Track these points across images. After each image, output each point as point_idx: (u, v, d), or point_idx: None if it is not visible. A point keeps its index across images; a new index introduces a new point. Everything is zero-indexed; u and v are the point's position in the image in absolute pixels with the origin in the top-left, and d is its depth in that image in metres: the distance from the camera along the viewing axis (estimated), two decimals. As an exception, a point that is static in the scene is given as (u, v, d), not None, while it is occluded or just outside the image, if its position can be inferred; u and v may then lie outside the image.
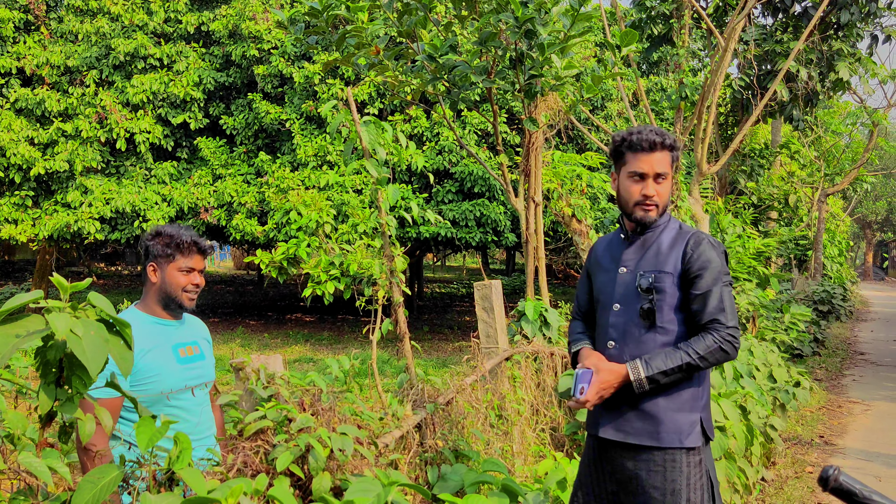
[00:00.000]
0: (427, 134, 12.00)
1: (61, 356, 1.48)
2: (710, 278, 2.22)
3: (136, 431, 1.53)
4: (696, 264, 2.23)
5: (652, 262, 2.29)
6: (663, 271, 2.25)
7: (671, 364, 2.16)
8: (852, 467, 5.55)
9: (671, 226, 2.35)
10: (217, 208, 12.28)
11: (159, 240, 2.35)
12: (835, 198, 21.34)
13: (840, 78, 9.91)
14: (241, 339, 12.77)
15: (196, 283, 2.37)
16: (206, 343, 2.49)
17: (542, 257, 5.31)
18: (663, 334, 2.24)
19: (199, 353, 2.40)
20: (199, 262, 2.38)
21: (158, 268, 2.34)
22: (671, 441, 2.21)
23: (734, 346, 2.18)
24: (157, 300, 2.34)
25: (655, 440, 2.22)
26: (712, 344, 2.17)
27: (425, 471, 2.90)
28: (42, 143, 12.36)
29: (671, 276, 2.25)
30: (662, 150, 2.30)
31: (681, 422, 2.22)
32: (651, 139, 2.29)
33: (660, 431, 2.22)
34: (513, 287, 21.95)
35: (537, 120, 4.67)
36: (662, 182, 2.31)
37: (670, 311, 2.24)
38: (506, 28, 3.94)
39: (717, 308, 2.20)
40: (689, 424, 2.23)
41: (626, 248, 2.37)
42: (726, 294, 2.22)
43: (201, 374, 2.36)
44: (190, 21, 12.77)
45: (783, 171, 14.49)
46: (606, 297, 2.35)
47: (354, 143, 3.14)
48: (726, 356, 2.19)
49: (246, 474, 1.88)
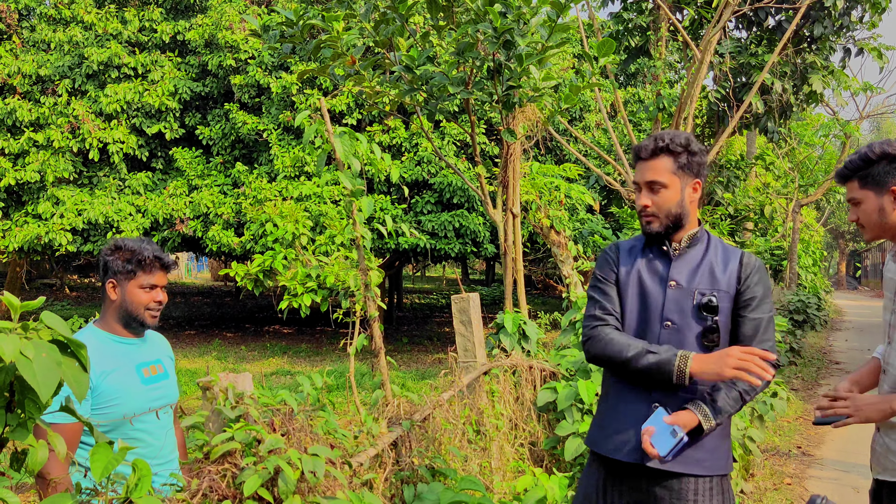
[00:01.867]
0: (406, 144, 11.96)
1: (11, 380, 1.40)
2: (767, 306, 2.11)
3: (91, 458, 1.44)
4: (753, 288, 2.11)
5: (707, 280, 2.13)
6: (721, 290, 2.12)
7: (736, 406, 2.07)
8: (830, 478, 5.56)
9: (710, 241, 2.21)
10: (193, 219, 12.12)
11: (119, 255, 2.23)
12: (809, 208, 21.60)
13: (814, 90, 10.02)
14: (218, 351, 12.58)
15: (159, 301, 2.26)
16: (169, 360, 2.39)
17: (521, 269, 5.27)
18: None
19: (164, 372, 2.30)
20: (162, 278, 2.27)
21: (118, 284, 2.23)
22: (717, 469, 2.10)
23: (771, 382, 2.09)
24: (118, 318, 2.23)
25: (698, 468, 2.07)
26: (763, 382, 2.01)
27: (401, 490, 2.83)
28: (13, 153, 12.13)
29: (728, 296, 2.12)
30: (658, 157, 2.13)
31: (723, 449, 2.13)
32: (644, 145, 2.15)
33: (704, 459, 2.09)
34: (492, 297, 21.93)
35: (515, 131, 4.64)
36: (660, 190, 2.12)
37: (724, 334, 2.12)
38: (484, 38, 3.91)
39: (767, 337, 2.10)
40: (727, 451, 2.15)
41: (672, 261, 2.18)
42: (773, 323, 2.11)
43: (165, 394, 2.26)
44: (165, 30, 12.64)
45: (758, 182, 14.64)
46: (652, 312, 2.14)
47: (329, 153, 3.08)
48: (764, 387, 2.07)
49: (212, 500, 1.80)
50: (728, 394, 2.06)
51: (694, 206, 2.19)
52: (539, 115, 5.08)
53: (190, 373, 10.21)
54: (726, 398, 2.05)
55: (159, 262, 2.25)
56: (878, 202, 2.13)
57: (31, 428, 1.44)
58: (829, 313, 18.48)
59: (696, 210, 2.20)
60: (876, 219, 2.15)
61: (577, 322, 5.11)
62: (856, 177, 2.17)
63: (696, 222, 2.21)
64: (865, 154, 2.14)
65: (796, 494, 5.14)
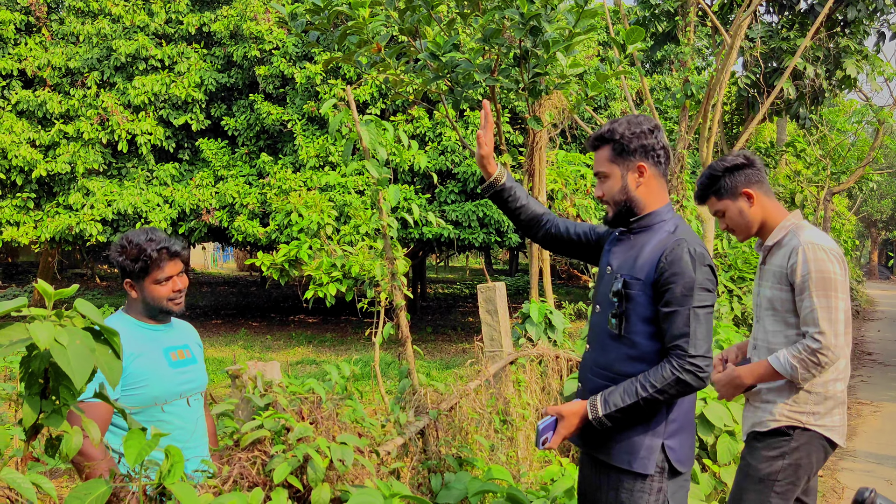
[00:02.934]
0: (429, 134, 11.93)
1: (46, 366, 1.42)
2: (679, 295, 1.96)
3: (125, 445, 1.46)
4: (666, 276, 1.98)
5: (629, 266, 2.08)
6: (636, 277, 2.04)
7: (628, 400, 1.96)
8: (863, 470, 5.47)
9: (664, 227, 2.10)
10: (219, 210, 12.23)
11: (126, 254, 2.19)
12: (840, 196, 21.21)
13: (847, 75, 9.81)
14: (244, 340, 12.71)
15: (178, 289, 2.23)
16: (197, 347, 2.40)
17: (547, 258, 5.23)
18: (630, 347, 2.05)
19: (192, 357, 2.31)
20: (175, 266, 2.23)
21: (135, 283, 2.21)
22: (620, 461, 2.04)
23: (697, 377, 1.93)
24: (143, 312, 2.24)
25: (608, 456, 2.07)
26: (669, 375, 1.94)
27: (428, 479, 2.83)
28: (43, 145, 12.33)
29: (641, 284, 2.02)
30: (599, 147, 2.16)
31: (635, 443, 2.02)
32: (589, 137, 2.20)
33: (611, 448, 2.06)
34: (516, 287, 21.87)
35: (542, 119, 4.60)
36: (605, 180, 2.15)
37: (639, 322, 2.03)
38: (510, 25, 3.87)
39: (681, 332, 1.95)
40: (646, 449, 2.02)
41: (616, 245, 2.19)
42: (697, 316, 1.95)
43: (194, 378, 2.27)
44: (191, 22, 12.72)
45: (788, 170, 14.39)
46: (594, 296, 2.25)
47: (355, 142, 3.07)
48: (687, 388, 1.95)
49: (242, 486, 1.81)
50: (624, 388, 1.98)
51: (646, 190, 2.12)
52: (565, 102, 5.02)
53: (217, 361, 10.33)
54: (623, 393, 1.98)
55: (167, 252, 2.20)
56: (737, 206, 2.49)
57: (65, 414, 1.45)
58: (861, 303, 18.16)
59: (653, 193, 2.13)
60: (740, 220, 2.50)
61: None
62: (710, 193, 2.53)
63: (654, 205, 2.12)
64: (710, 173, 2.51)
65: (828, 487, 5.06)
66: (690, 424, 2.10)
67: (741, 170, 2.47)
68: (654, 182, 2.13)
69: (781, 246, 2.42)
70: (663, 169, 2.13)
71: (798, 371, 2.30)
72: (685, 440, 2.07)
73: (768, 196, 2.49)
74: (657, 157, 2.11)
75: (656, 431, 2.02)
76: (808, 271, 2.30)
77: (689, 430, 2.08)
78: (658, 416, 2.02)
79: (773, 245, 2.45)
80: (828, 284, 2.28)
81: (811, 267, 2.30)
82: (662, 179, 2.14)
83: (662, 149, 2.11)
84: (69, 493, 1.42)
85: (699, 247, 2.01)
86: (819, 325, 2.27)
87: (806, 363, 2.29)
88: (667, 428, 2.03)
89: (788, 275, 2.36)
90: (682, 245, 1.99)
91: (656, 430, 2.02)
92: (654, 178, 2.12)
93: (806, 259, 2.31)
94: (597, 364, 2.11)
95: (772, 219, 2.47)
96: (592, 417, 2.00)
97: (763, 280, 2.49)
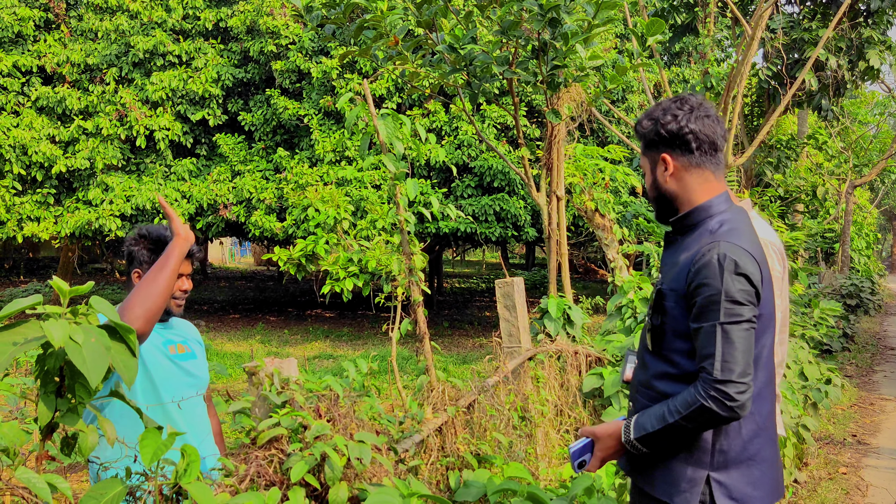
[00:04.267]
0: (446, 128, 11.89)
1: (61, 365, 1.40)
2: (705, 309, 1.71)
3: (140, 444, 1.44)
4: (693, 286, 1.74)
5: (668, 274, 1.85)
6: (672, 288, 1.81)
7: (656, 425, 1.76)
8: (886, 467, 5.38)
9: (708, 225, 1.83)
10: (236, 205, 12.28)
11: (144, 244, 2.21)
12: (862, 189, 20.90)
13: (870, 66, 9.63)
14: (261, 335, 12.77)
15: (185, 289, 2.24)
16: (198, 344, 2.39)
17: (565, 252, 5.18)
18: (667, 364, 1.83)
19: (191, 352, 2.30)
20: (188, 266, 2.24)
21: (144, 274, 2.19)
22: (662, 493, 1.82)
23: (726, 405, 1.65)
24: None
25: (651, 487, 1.85)
26: (693, 401, 1.69)
27: (447, 476, 2.80)
28: (63, 141, 12.44)
29: (675, 295, 1.79)
30: (639, 140, 1.98)
31: (676, 474, 1.80)
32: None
33: (654, 478, 1.84)
34: (533, 282, 21.80)
35: (560, 112, 4.54)
36: (644, 176, 1.97)
37: (675, 339, 1.80)
38: (529, 17, 3.82)
39: (707, 352, 1.70)
40: (688, 481, 1.78)
41: (665, 250, 1.97)
42: (726, 334, 1.68)
43: (194, 373, 2.26)
44: (208, 17, 12.75)
45: (810, 163, 14.19)
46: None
47: (371, 136, 3.04)
48: (715, 417, 1.67)
49: (259, 485, 1.79)
50: (654, 412, 1.78)
51: (678, 183, 1.89)
52: (584, 95, 4.96)
53: (235, 356, 10.38)
54: (651, 416, 1.78)
55: None
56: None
57: (81, 412, 1.44)
58: (883, 297, 17.90)
59: (689, 186, 1.88)
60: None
61: (622, 307, 5.01)
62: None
63: (696, 200, 1.87)
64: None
65: (852, 484, 4.98)
66: (758, 457, 1.80)
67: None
68: (686, 173, 1.87)
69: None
70: (697, 157, 1.85)
71: None
72: (745, 476, 1.78)
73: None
74: (684, 144, 1.85)
75: (700, 462, 1.78)
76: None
77: (754, 465, 1.79)
78: (701, 444, 1.78)
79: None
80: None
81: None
82: (699, 168, 1.86)
83: (691, 133, 1.83)
84: (85, 494, 1.40)
85: (737, 249, 1.73)
86: None
87: None
88: (714, 459, 1.78)
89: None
90: (713, 249, 1.73)
91: (700, 459, 1.78)
92: (683, 168, 1.87)
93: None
94: (641, 382, 1.93)
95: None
96: (625, 440, 1.82)
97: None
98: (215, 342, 11.65)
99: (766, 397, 1.83)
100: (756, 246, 1.78)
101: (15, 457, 1.34)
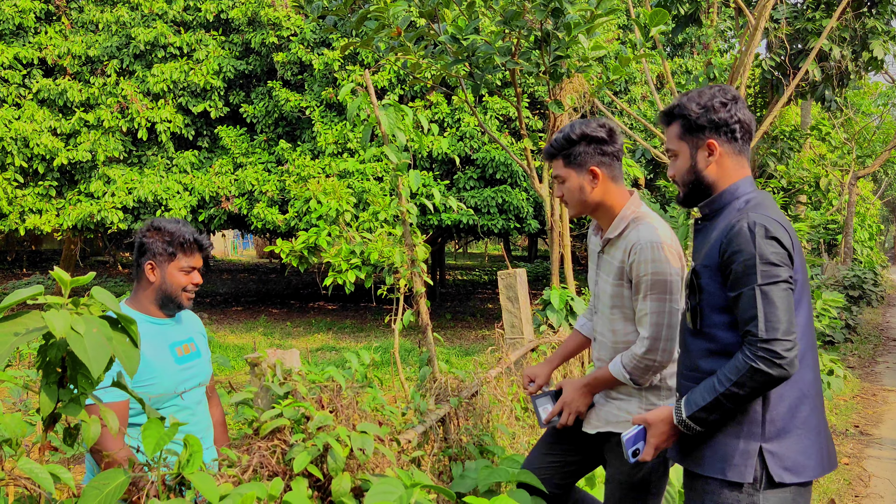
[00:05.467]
0: (448, 120, 11.86)
1: (63, 355, 1.40)
2: (742, 274, 1.77)
3: (143, 435, 1.44)
4: (727, 256, 1.81)
5: (703, 254, 1.91)
6: (704, 265, 1.88)
7: (708, 398, 1.79)
8: (889, 458, 5.38)
9: (736, 205, 1.92)
10: (238, 197, 12.27)
11: (159, 236, 2.22)
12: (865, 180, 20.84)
13: (874, 57, 9.57)
14: (264, 327, 12.78)
15: (196, 283, 2.26)
16: (202, 337, 2.40)
17: (568, 244, 5.18)
18: (709, 341, 1.88)
19: (196, 351, 2.31)
20: (200, 260, 2.27)
21: (157, 266, 2.21)
22: (713, 469, 1.84)
23: (776, 364, 1.70)
24: (154, 300, 2.23)
25: (700, 466, 1.88)
26: (743, 365, 1.73)
27: (449, 467, 2.80)
28: (65, 133, 12.42)
29: (709, 271, 1.86)
30: (669, 123, 2.02)
31: (728, 448, 1.82)
32: (660, 114, 2.04)
33: (704, 456, 1.87)
34: (535, 274, 21.79)
35: (562, 103, 4.53)
36: (675, 159, 2.02)
37: (714, 314, 1.86)
38: (531, 7, 3.80)
39: (749, 315, 1.74)
40: (741, 454, 1.81)
41: (696, 236, 2.04)
42: (765, 295, 1.73)
43: (197, 373, 2.28)
44: (209, 9, 12.71)
45: (813, 154, 14.14)
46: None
47: (373, 127, 3.03)
48: (766, 378, 1.72)
49: (262, 475, 1.80)
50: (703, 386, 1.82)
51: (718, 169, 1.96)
52: (586, 86, 4.94)
53: (237, 348, 10.40)
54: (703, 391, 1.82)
55: (198, 244, 2.25)
56: (580, 181, 2.27)
57: (83, 403, 1.44)
58: (885, 289, 17.87)
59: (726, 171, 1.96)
60: (578, 196, 2.29)
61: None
62: (560, 155, 2.29)
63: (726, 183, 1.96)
64: (568, 134, 2.26)
65: (854, 475, 4.98)
66: (805, 425, 1.83)
67: (598, 144, 2.26)
68: (727, 160, 1.95)
69: (621, 238, 2.28)
70: (739, 145, 1.95)
71: (634, 377, 2.24)
72: (796, 444, 1.81)
73: (615, 180, 2.30)
74: (731, 132, 1.94)
75: (752, 433, 1.81)
76: (646, 272, 2.18)
77: (803, 433, 1.82)
78: (751, 416, 1.81)
79: (613, 237, 2.31)
80: (664, 287, 2.18)
81: (650, 268, 2.18)
82: (739, 156, 1.96)
83: (738, 123, 1.93)
84: (88, 484, 1.40)
85: (765, 217, 1.80)
86: (648, 330, 2.19)
87: (639, 369, 2.22)
88: (765, 430, 1.80)
89: (627, 271, 2.24)
90: (743, 219, 1.81)
91: (751, 431, 1.81)
92: (726, 155, 1.95)
93: (645, 259, 2.18)
94: (685, 366, 1.96)
95: (611, 204, 2.29)
96: (678, 421, 1.85)
97: (601, 270, 2.37)
98: (218, 334, 11.66)
99: (808, 364, 1.85)
100: (783, 218, 1.84)
101: (18, 447, 1.34)
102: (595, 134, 2.25)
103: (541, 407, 2.43)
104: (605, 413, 2.34)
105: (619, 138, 2.31)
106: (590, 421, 2.38)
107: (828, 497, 4.56)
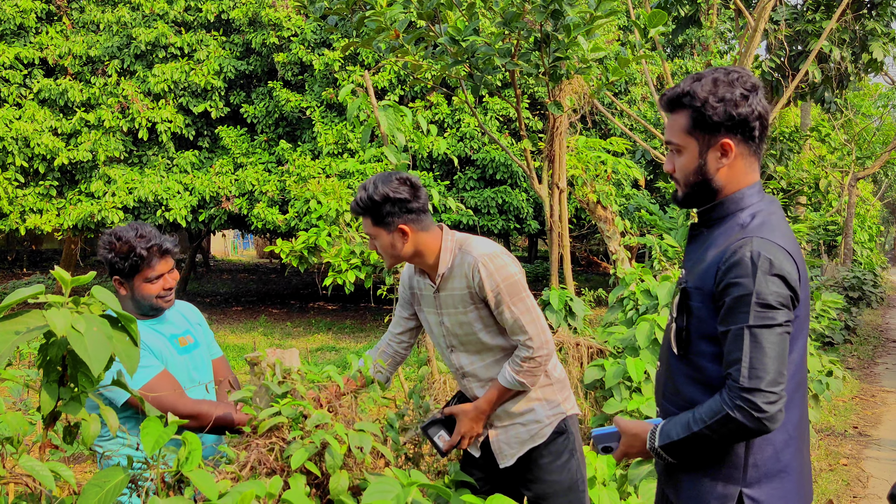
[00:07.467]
0: (448, 121, 11.88)
1: (63, 354, 1.41)
2: (734, 310, 1.57)
3: (142, 432, 1.45)
4: (722, 285, 1.60)
5: (696, 271, 1.70)
6: (697, 286, 1.68)
7: (681, 433, 1.64)
8: (887, 459, 5.39)
9: (739, 218, 1.67)
10: (238, 197, 12.28)
11: (117, 251, 2.13)
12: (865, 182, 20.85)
13: (873, 58, 9.59)
14: (264, 327, 12.79)
15: (168, 287, 2.19)
16: (198, 327, 2.39)
17: (567, 245, 5.19)
18: (692, 369, 1.71)
19: (195, 343, 2.32)
20: (166, 264, 2.18)
21: (125, 282, 2.16)
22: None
23: (753, 416, 1.52)
24: (134, 309, 2.21)
25: (676, 498, 1.77)
26: (718, 410, 1.57)
27: (447, 466, 2.81)
28: (65, 133, 12.44)
29: (702, 295, 1.66)
30: (674, 111, 1.72)
31: (704, 489, 1.68)
32: (663, 98, 1.75)
33: (681, 490, 1.75)
34: (535, 274, 21.80)
35: (562, 104, 4.54)
36: (677, 154, 1.74)
37: (701, 341, 1.68)
38: (531, 8, 3.81)
39: (734, 357, 1.56)
40: (717, 497, 1.67)
41: (690, 243, 1.81)
42: (755, 338, 1.54)
43: (200, 362, 2.29)
44: (210, 9, 12.73)
45: (812, 155, 14.15)
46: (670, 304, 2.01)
47: (373, 128, 3.05)
48: (741, 429, 1.54)
49: (260, 472, 1.81)
50: (680, 419, 1.67)
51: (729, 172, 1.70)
52: (586, 87, 4.95)
53: (237, 348, 10.41)
54: (675, 423, 1.67)
55: (158, 250, 2.16)
56: (390, 239, 2.26)
57: (83, 401, 1.45)
58: (885, 290, 17.88)
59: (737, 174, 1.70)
60: (391, 251, 2.29)
61: (624, 298, 5.01)
62: (367, 215, 2.27)
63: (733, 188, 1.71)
64: (371, 195, 2.21)
65: (853, 475, 4.99)
66: (788, 469, 1.67)
67: (402, 203, 2.21)
68: (740, 162, 1.69)
69: (455, 268, 2.28)
70: (756, 145, 1.68)
71: (527, 382, 2.28)
72: (778, 490, 1.66)
73: (425, 228, 2.28)
74: (750, 130, 1.66)
75: (731, 477, 1.66)
76: (496, 283, 2.21)
77: (785, 477, 1.67)
78: (733, 459, 1.66)
79: (446, 272, 2.30)
80: (517, 288, 2.23)
81: (498, 278, 2.21)
82: (752, 157, 1.70)
83: (759, 119, 1.65)
84: (88, 481, 1.41)
85: (771, 246, 1.58)
86: (526, 332, 2.23)
87: (529, 372, 2.26)
88: (747, 474, 1.65)
89: (477, 292, 2.24)
90: (746, 245, 1.58)
91: (732, 475, 1.66)
92: (741, 157, 1.69)
93: (489, 272, 2.21)
94: (667, 388, 1.81)
95: (428, 250, 2.29)
96: (650, 447, 1.72)
97: (443, 308, 2.34)
98: (218, 334, 11.67)
99: (796, 404, 1.70)
100: (792, 241, 1.64)
101: (18, 445, 1.35)
102: (397, 196, 2.20)
103: (435, 436, 2.42)
104: (513, 438, 2.37)
105: (423, 191, 2.27)
106: (503, 454, 2.39)
107: (826, 498, 4.57)
